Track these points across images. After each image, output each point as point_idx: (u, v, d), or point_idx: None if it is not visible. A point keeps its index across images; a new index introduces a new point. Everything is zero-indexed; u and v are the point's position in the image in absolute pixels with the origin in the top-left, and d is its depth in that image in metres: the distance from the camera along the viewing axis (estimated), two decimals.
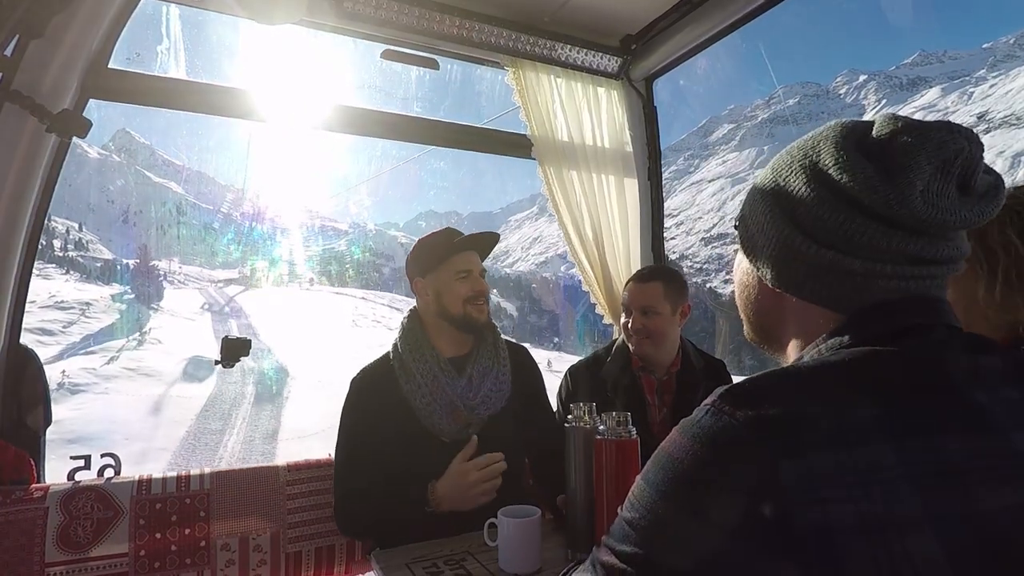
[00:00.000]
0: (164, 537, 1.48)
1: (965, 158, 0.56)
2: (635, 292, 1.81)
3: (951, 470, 0.49)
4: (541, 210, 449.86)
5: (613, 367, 1.86)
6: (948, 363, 0.55)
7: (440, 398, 1.50)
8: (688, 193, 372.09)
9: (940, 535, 0.46)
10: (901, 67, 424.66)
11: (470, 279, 1.55)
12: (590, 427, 1.23)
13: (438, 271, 1.56)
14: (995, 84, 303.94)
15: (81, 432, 27.05)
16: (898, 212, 0.55)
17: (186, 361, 51.15)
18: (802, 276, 0.63)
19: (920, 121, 0.59)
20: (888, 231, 0.57)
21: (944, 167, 0.56)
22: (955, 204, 0.56)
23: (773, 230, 0.64)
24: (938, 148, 0.55)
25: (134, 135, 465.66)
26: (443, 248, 1.57)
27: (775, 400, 0.53)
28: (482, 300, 1.57)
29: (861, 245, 0.58)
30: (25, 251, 1.56)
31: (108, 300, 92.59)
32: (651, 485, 0.56)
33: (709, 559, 0.51)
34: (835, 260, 0.59)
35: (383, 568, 1.24)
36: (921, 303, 0.60)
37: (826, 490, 0.48)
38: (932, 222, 0.55)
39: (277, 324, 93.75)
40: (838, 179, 0.59)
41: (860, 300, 0.60)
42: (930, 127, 0.57)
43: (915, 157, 0.55)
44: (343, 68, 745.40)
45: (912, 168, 0.55)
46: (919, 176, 0.55)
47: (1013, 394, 0.55)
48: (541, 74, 2.22)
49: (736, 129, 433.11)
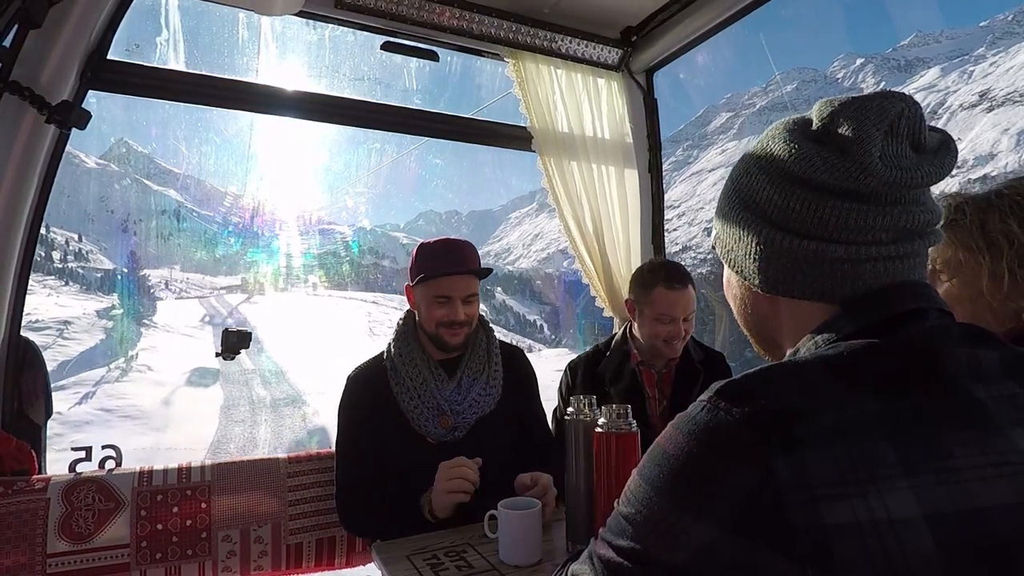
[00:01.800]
0: (165, 528, 1.49)
1: (908, 117, 0.57)
2: (679, 300, 1.74)
3: (949, 467, 0.49)
4: (541, 206, 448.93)
5: (612, 361, 1.86)
6: (946, 355, 0.55)
7: (428, 401, 1.51)
8: (689, 184, 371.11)
9: (936, 532, 0.46)
10: (898, 49, 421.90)
11: (448, 305, 1.50)
12: (590, 420, 1.23)
13: (423, 286, 1.53)
14: (995, 62, 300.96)
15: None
16: (865, 182, 0.56)
17: (179, 391, 45.27)
18: (789, 273, 0.62)
19: (853, 96, 0.60)
20: (861, 207, 0.57)
21: (892, 129, 0.57)
22: (914, 162, 0.57)
23: (750, 235, 0.64)
24: (880, 114, 0.57)
25: (132, 144, 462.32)
26: (432, 267, 1.51)
27: (771, 396, 0.53)
28: (458, 327, 1.52)
29: (839, 228, 0.58)
30: (25, 243, 1.56)
31: (92, 316, 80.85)
32: (647, 480, 0.57)
33: (704, 554, 0.52)
34: (817, 250, 0.59)
35: (384, 559, 1.25)
36: (910, 288, 0.59)
37: (821, 487, 0.48)
38: (900, 183, 0.56)
39: (286, 336, 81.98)
40: (798, 169, 0.59)
41: (851, 289, 0.60)
42: (866, 98, 0.59)
43: (863, 128, 0.56)
44: (342, 59, 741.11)
45: (864, 139, 0.56)
46: (872, 143, 0.56)
47: (1013, 389, 0.54)
48: (541, 66, 2.21)
49: (734, 118, 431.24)
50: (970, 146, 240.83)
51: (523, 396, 1.69)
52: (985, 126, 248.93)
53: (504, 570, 1.18)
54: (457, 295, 1.50)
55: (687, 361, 1.85)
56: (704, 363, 1.86)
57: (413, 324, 1.62)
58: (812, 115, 0.62)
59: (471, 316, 1.54)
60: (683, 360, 1.85)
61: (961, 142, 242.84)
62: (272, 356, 70.73)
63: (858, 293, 0.60)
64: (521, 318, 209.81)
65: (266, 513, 1.59)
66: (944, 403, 0.52)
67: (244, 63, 27.95)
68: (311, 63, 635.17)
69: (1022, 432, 0.51)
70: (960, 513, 0.47)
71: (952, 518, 0.47)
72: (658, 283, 1.75)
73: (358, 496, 1.49)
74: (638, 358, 1.85)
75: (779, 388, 0.53)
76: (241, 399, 49.67)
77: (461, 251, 1.54)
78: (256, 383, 57.41)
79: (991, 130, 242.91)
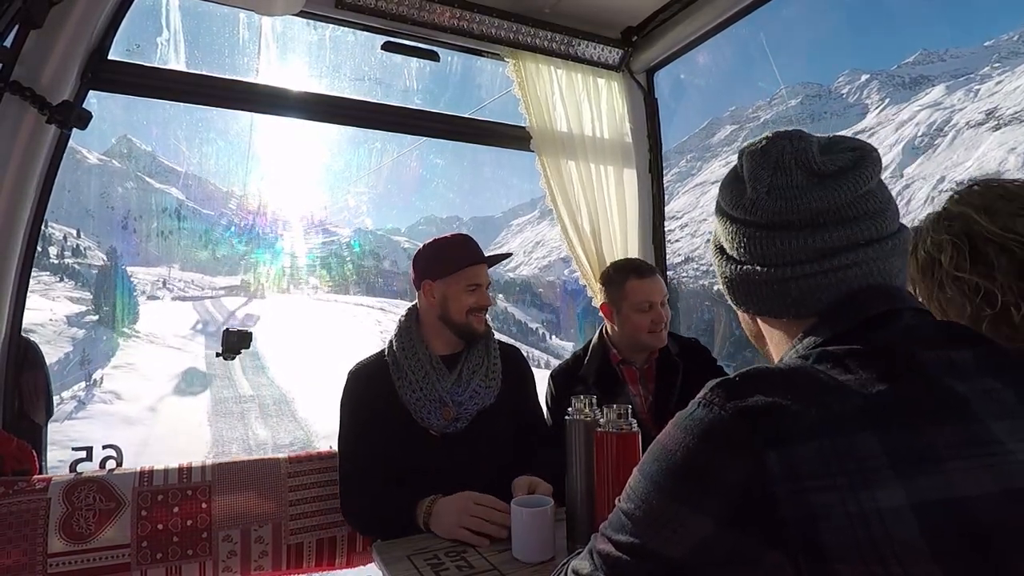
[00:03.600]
0: (166, 528, 1.49)
1: (791, 151, 0.65)
2: (654, 286, 1.80)
3: (933, 458, 0.50)
4: (543, 214, 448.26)
5: (592, 364, 1.87)
6: (920, 356, 0.57)
7: (430, 394, 1.54)
8: (692, 195, 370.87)
9: (922, 522, 0.48)
10: (903, 66, 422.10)
11: (478, 292, 1.59)
12: (590, 420, 1.23)
13: (449, 278, 1.59)
14: (1001, 81, 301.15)
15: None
16: (760, 215, 0.65)
17: (155, 428, 30.63)
18: (744, 294, 0.70)
19: (751, 142, 0.71)
20: (770, 235, 0.65)
21: (779, 166, 0.65)
22: (805, 191, 0.64)
23: (722, 270, 0.73)
24: (763, 156, 0.67)
25: (135, 141, 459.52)
26: (460, 258, 1.59)
27: (763, 392, 0.55)
28: (484, 312, 1.62)
29: (759, 255, 0.66)
30: (26, 242, 1.56)
31: (62, 324, 63.50)
32: (646, 476, 0.59)
33: (701, 547, 0.54)
34: (748, 273, 0.68)
35: (384, 560, 1.25)
36: (883, 291, 0.63)
37: (810, 478, 0.50)
38: (787, 211, 0.63)
39: (288, 349, 60.54)
40: (723, 204, 0.71)
41: (788, 304, 0.66)
42: (756, 144, 0.69)
43: (753, 170, 0.67)
44: (342, 60, 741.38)
45: (754, 179, 0.67)
46: (760, 181, 0.66)
47: (991, 384, 0.56)
48: (541, 66, 2.21)
49: (739, 130, 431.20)
50: (976, 164, 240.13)
51: (521, 391, 1.72)
52: (992, 144, 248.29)
53: (505, 570, 1.18)
54: (484, 282, 1.61)
55: (665, 355, 1.86)
56: (681, 354, 1.87)
57: (416, 321, 1.66)
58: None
59: (491, 304, 1.64)
60: (661, 354, 1.86)
61: (968, 160, 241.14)
62: (274, 378, 53.03)
63: (798, 307, 0.66)
64: (524, 326, 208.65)
65: (267, 513, 1.59)
66: (926, 397, 0.54)
67: (244, 63, 27.56)
68: (312, 63, 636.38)
69: (1002, 425, 0.53)
70: (945, 502, 0.49)
71: (937, 507, 0.49)
72: (629, 276, 1.82)
73: (362, 489, 1.50)
74: (618, 357, 1.86)
75: (769, 385, 0.56)
76: (234, 440, 39.71)
77: (477, 245, 1.65)
78: (253, 416, 45.03)
79: (998, 149, 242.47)
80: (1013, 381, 0.56)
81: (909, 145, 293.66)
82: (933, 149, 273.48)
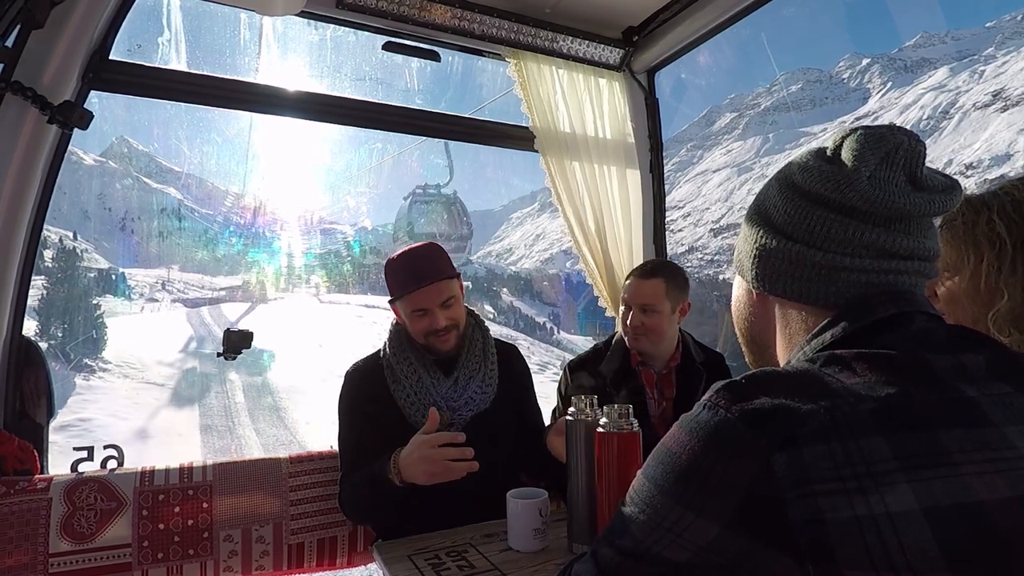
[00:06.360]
0: (167, 528, 1.49)
1: (906, 150, 0.62)
2: (636, 288, 1.78)
3: (946, 462, 0.49)
4: (543, 207, 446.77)
5: (612, 361, 1.86)
6: (931, 361, 0.56)
7: (424, 399, 1.52)
8: (694, 184, 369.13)
9: (934, 526, 0.47)
10: (904, 49, 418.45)
11: (427, 317, 1.50)
12: (592, 420, 1.23)
13: (399, 303, 1.53)
14: (1006, 62, 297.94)
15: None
16: (849, 196, 0.61)
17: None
18: (777, 272, 0.67)
19: (868, 125, 0.67)
20: (845, 220, 0.62)
21: (888, 157, 0.62)
22: (903, 190, 0.61)
23: (754, 236, 0.70)
24: (879, 141, 0.63)
25: (132, 142, 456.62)
26: (401, 283, 1.51)
27: (769, 395, 0.54)
28: (444, 333, 1.51)
29: (821, 236, 0.64)
30: (27, 243, 1.56)
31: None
32: (650, 479, 0.58)
33: (706, 551, 0.53)
34: (801, 253, 0.65)
35: (385, 559, 1.25)
36: (894, 295, 0.62)
37: (819, 482, 0.48)
38: (882, 204, 0.60)
39: (305, 371, 48.41)
40: (800, 180, 0.66)
41: (824, 294, 0.64)
42: (874, 128, 0.65)
43: (861, 150, 0.63)
44: (343, 59, 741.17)
45: (859, 159, 0.62)
46: (865, 164, 0.62)
47: (1003, 388, 0.55)
48: (543, 66, 2.21)
49: (739, 118, 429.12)
50: (985, 146, 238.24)
51: (519, 391, 1.70)
52: (1000, 126, 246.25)
53: (506, 570, 1.18)
54: (432, 305, 1.49)
55: (688, 361, 1.84)
56: (706, 364, 1.85)
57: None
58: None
59: (454, 318, 1.53)
60: (684, 360, 1.84)
61: (976, 143, 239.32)
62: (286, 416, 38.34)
63: (836, 299, 0.64)
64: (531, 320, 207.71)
65: (268, 513, 1.59)
66: (937, 401, 0.53)
67: (245, 63, 26.84)
68: (312, 63, 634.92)
69: (1015, 429, 0.52)
70: (958, 507, 0.48)
71: (950, 512, 0.47)
72: (631, 275, 1.83)
73: (353, 481, 1.50)
74: (638, 358, 1.85)
75: (776, 387, 0.55)
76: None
77: (425, 261, 1.51)
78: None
79: (1006, 130, 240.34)
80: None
81: (914, 128, 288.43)
82: (939, 132, 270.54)
